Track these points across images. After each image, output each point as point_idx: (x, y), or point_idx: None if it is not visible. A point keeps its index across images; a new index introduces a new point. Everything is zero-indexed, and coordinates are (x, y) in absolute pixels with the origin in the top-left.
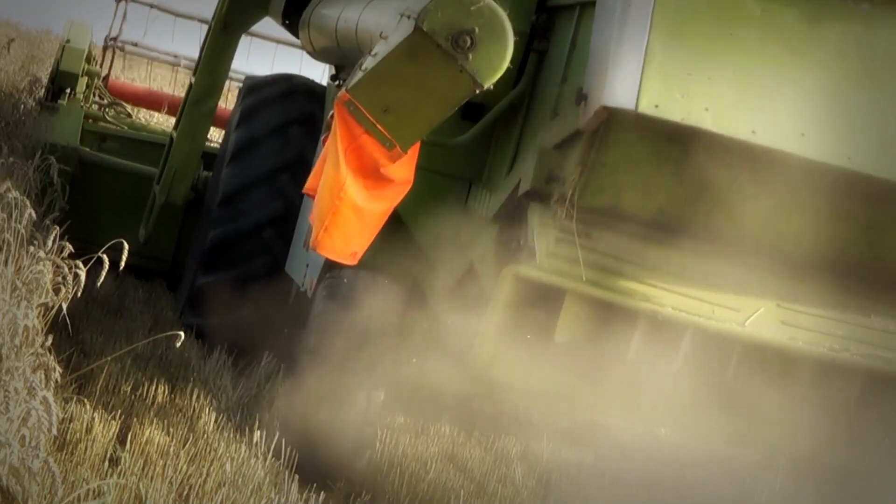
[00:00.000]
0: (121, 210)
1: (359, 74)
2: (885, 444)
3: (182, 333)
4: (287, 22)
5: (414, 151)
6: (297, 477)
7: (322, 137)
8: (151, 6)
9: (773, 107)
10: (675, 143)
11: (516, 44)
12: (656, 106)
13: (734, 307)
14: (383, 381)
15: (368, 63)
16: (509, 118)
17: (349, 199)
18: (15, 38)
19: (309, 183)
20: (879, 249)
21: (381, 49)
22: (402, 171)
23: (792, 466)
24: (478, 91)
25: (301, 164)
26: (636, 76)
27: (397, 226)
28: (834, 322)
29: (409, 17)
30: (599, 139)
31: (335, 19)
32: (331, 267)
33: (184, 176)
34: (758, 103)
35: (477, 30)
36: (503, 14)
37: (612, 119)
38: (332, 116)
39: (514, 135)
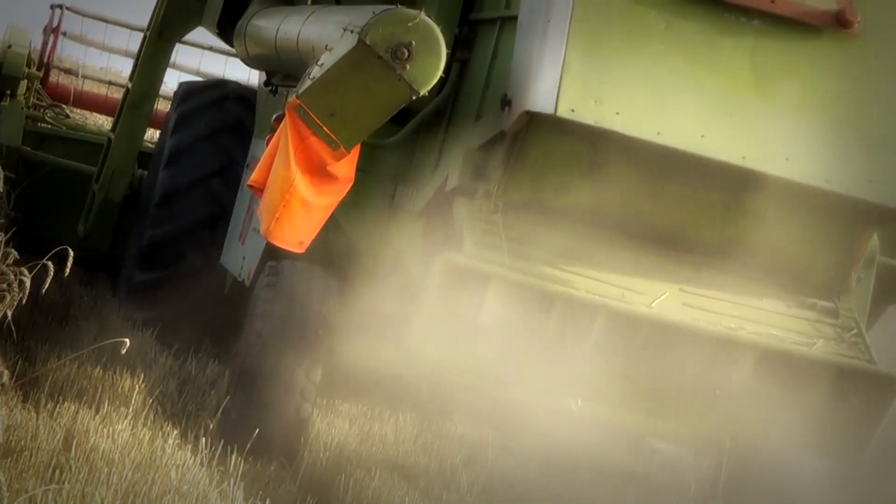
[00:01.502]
0: (60, 206)
1: (307, 82)
2: (776, 414)
3: (127, 341)
4: (219, 31)
5: (355, 151)
6: (242, 484)
7: (267, 138)
8: (86, 16)
9: (676, 111)
10: (590, 143)
11: None
12: (573, 110)
13: (642, 291)
14: (320, 361)
15: (316, 72)
16: (434, 121)
17: (298, 194)
18: None
19: (254, 177)
20: (771, 239)
21: (327, 59)
22: (346, 169)
23: (696, 436)
24: (414, 97)
25: (231, 169)
26: (555, 84)
27: (329, 220)
28: (730, 304)
29: (352, 32)
30: (521, 140)
31: (274, 31)
32: (269, 257)
33: (122, 175)
34: (662, 108)
35: (414, 43)
36: (437, 29)
37: (534, 122)
38: (276, 119)
39: (440, 136)
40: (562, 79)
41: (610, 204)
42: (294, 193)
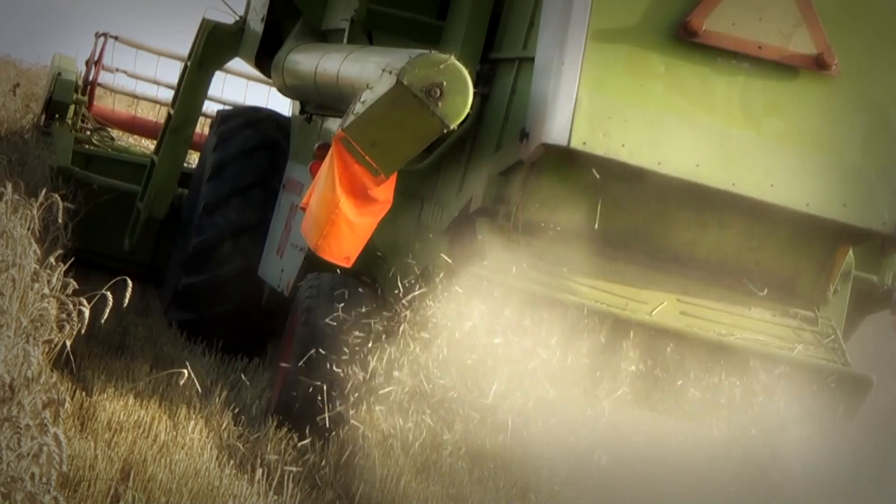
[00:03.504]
0: (106, 221)
1: (351, 117)
2: (762, 410)
3: (185, 371)
4: (256, 62)
5: (394, 177)
6: None
7: (310, 164)
8: (131, 45)
9: (675, 143)
10: (599, 171)
11: None
12: (584, 143)
13: (643, 301)
14: (361, 364)
15: (358, 108)
16: (458, 149)
17: (343, 215)
18: (20, 83)
19: (304, 200)
20: (758, 256)
21: (368, 97)
22: (385, 192)
23: (693, 428)
24: (445, 131)
25: (267, 182)
26: (568, 119)
27: None
28: (722, 313)
29: (390, 73)
30: (538, 168)
31: (313, 66)
32: (308, 270)
33: (165, 194)
34: (662, 140)
35: (445, 83)
36: (465, 71)
37: (549, 153)
38: (319, 147)
39: (462, 162)
40: (574, 115)
41: (616, 225)
42: (340, 214)
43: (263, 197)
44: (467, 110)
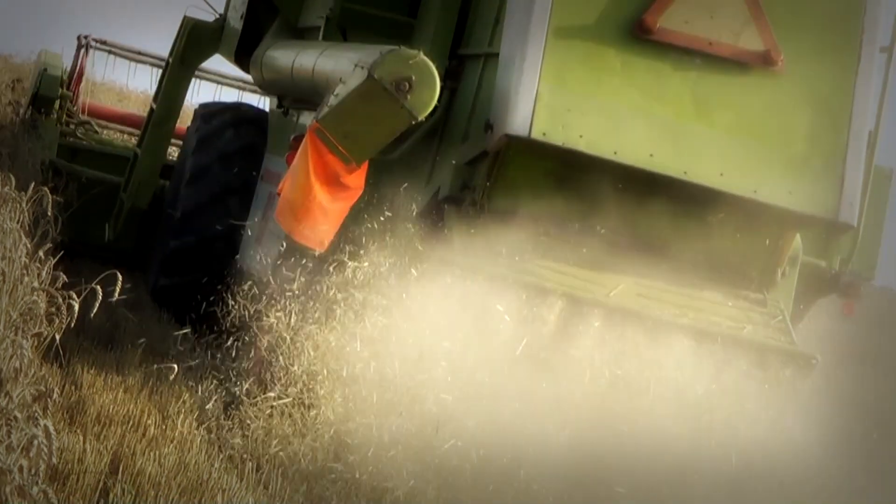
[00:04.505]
0: (91, 212)
1: (325, 109)
2: (713, 386)
3: (175, 366)
4: (235, 59)
5: (365, 166)
6: None
7: (286, 155)
8: (110, 51)
9: (630, 134)
10: (558, 161)
11: None
12: (544, 133)
13: (602, 284)
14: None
15: (332, 101)
16: (427, 140)
17: (317, 201)
18: (20, 79)
19: (279, 186)
20: (709, 240)
21: (341, 90)
22: (357, 180)
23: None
24: (413, 122)
25: (245, 188)
26: (529, 111)
27: None
28: (675, 295)
29: (362, 68)
30: (502, 158)
31: (290, 62)
32: (287, 256)
33: (147, 185)
34: (618, 131)
35: (414, 77)
36: (433, 66)
37: (512, 143)
38: (295, 139)
39: (432, 153)
40: (535, 107)
41: (575, 211)
42: (314, 200)
43: (240, 203)
44: (434, 103)
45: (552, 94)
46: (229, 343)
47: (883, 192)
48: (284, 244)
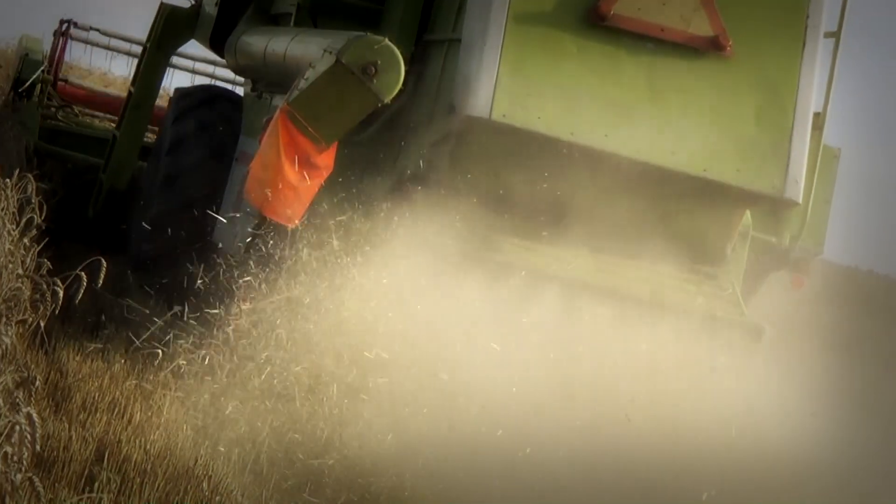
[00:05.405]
0: (72, 192)
1: (296, 92)
2: (667, 357)
3: (160, 351)
4: (210, 44)
5: (334, 146)
6: (275, 495)
7: (259, 136)
8: (88, 42)
9: (586, 116)
10: (518, 141)
11: None
12: (504, 115)
13: (561, 258)
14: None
15: (302, 84)
16: (395, 123)
17: (287, 179)
18: (0, 64)
19: (251, 164)
20: (663, 217)
21: (311, 74)
22: (326, 159)
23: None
24: (379, 105)
25: (220, 156)
26: (490, 94)
27: None
28: (633, 269)
29: (331, 53)
30: (464, 138)
31: (263, 47)
32: (258, 230)
33: (126, 166)
34: (574, 113)
35: (379, 62)
36: (398, 51)
37: (473, 124)
38: (267, 120)
39: (399, 134)
40: (495, 90)
41: (535, 189)
42: (284, 179)
43: (218, 169)
44: (399, 86)
45: (511, 77)
46: (209, 320)
47: (831, 171)
48: (256, 221)
